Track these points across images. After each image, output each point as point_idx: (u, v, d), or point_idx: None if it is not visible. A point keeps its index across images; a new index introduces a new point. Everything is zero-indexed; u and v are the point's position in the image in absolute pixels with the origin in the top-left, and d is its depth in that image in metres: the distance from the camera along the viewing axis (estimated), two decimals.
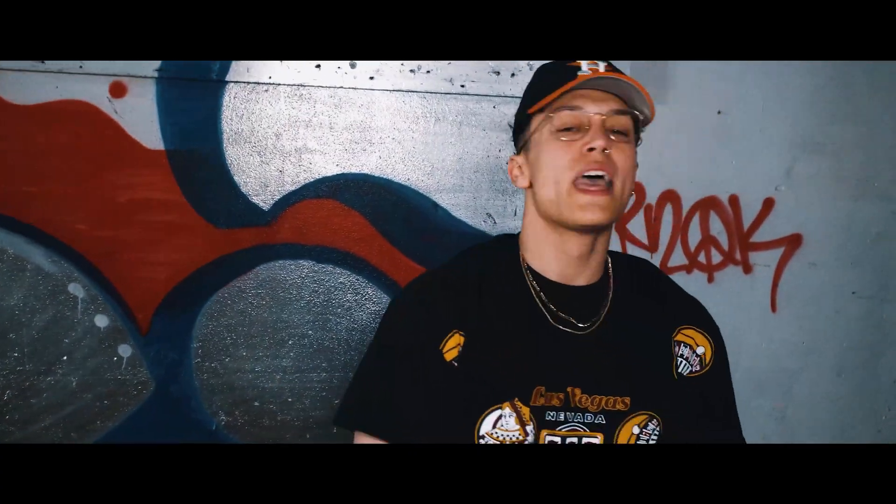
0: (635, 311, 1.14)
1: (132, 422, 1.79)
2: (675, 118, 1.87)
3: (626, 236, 1.91)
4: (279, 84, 1.71)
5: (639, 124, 1.13)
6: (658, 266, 1.21)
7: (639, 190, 1.86)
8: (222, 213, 1.74)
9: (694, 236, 1.95)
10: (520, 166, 1.15)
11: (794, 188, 1.94)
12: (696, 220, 1.94)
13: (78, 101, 1.66)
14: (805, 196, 1.94)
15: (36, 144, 1.65)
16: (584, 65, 1.07)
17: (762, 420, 1.99)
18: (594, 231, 1.10)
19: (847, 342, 2.02)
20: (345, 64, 1.71)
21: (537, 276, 1.14)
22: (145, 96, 1.67)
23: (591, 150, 1.04)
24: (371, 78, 1.72)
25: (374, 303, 1.82)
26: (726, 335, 1.95)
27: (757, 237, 1.95)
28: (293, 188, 1.76)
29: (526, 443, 1.04)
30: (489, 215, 1.84)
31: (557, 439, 1.05)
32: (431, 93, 1.76)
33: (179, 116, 1.69)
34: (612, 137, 1.07)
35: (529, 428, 1.04)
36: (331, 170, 1.77)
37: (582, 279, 1.14)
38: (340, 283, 1.81)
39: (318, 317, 1.81)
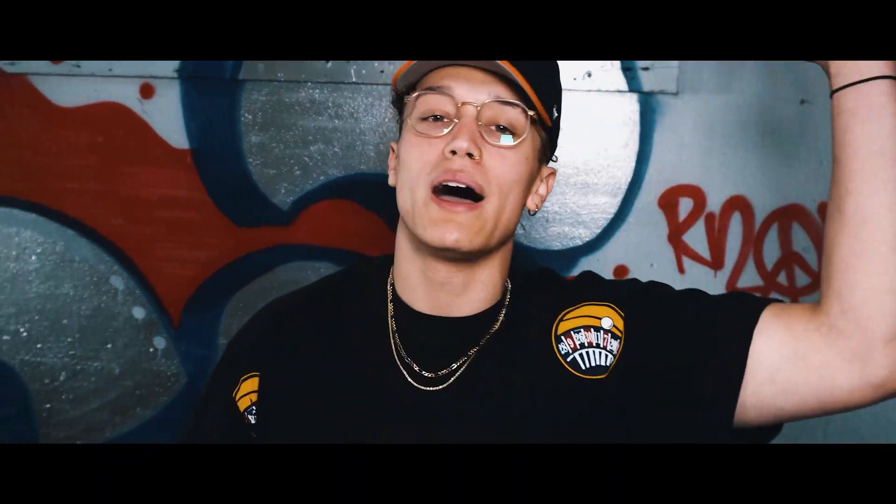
0: (518, 341, 0.93)
1: (167, 412, 1.91)
2: (743, 109, 1.60)
3: (682, 249, 1.66)
4: (293, 81, 1.70)
5: (544, 123, 0.92)
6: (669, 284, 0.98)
7: (696, 195, 1.63)
8: (243, 212, 1.79)
9: (771, 253, 1.66)
10: (396, 158, 0.95)
11: None
12: (773, 232, 1.64)
13: (112, 103, 1.78)
14: None
15: (78, 144, 1.80)
16: None
17: None
18: (457, 257, 0.89)
19: None
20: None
21: (401, 308, 0.95)
22: (171, 96, 1.76)
23: (452, 152, 0.84)
24: (381, 72, 1.65)
25: None
26: None
27: None
28: (310, 188, 1.76)
29: None
30: None
31: None
32: None
33: (201, 115, 1.76)
34: (489, 137, 0.86)
35: None
36: (348, 169, 1.73)
37: (461, 310, 0.93)
38: None
39: None
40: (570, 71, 1.60)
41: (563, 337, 0.91)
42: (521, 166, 0.88)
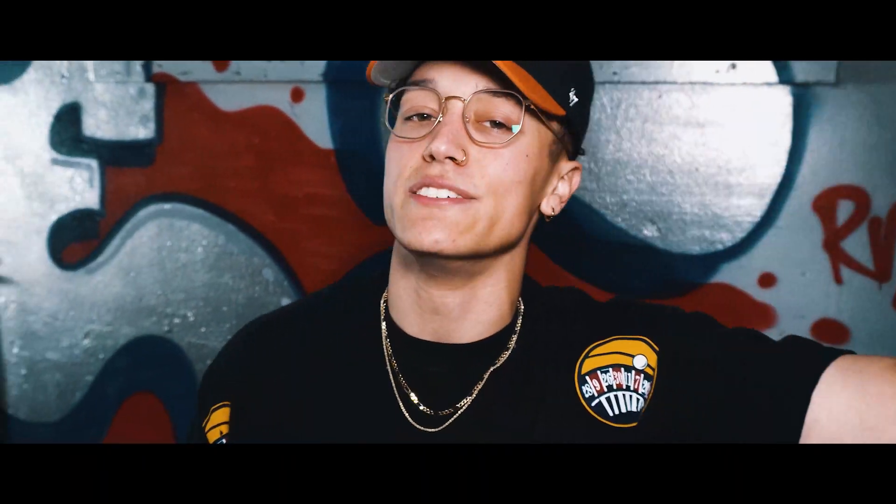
0: (534, 374, 0.81)
1: None
2: None
3: (839, 258, 1.50)
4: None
5: (554, 113, 0.78)
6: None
7: (859, 197, 1.47)
8: (379, 211, 1.84)
9: None
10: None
11: None
12: None
13: (267, 107, 1.91)
14: None
15: (238, 145, 1.96)
16: None
17: None
18: (448, 267, 0.77)
19: None
20: None
21: (395, 332, 0.84)
22: (318, 100, 1.86)
23: (431, 157, 0.74)
24: None
25: None
26: None
27: None
28: None
29: None
30: (652, 221, 1.62)
31: None
32: None
33: (344, 117, 1.85)
34: (479, 135, 0.75)
35: None
36: None
37: (461, 336, 0.82)
38: None
39: None
40: (711, 63, 1.50)
41: (587, 377, 0.79)
42: (520, 164, 0.76)
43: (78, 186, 2.27)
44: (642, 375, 0.78)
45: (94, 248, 2.26)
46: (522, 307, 0.86)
